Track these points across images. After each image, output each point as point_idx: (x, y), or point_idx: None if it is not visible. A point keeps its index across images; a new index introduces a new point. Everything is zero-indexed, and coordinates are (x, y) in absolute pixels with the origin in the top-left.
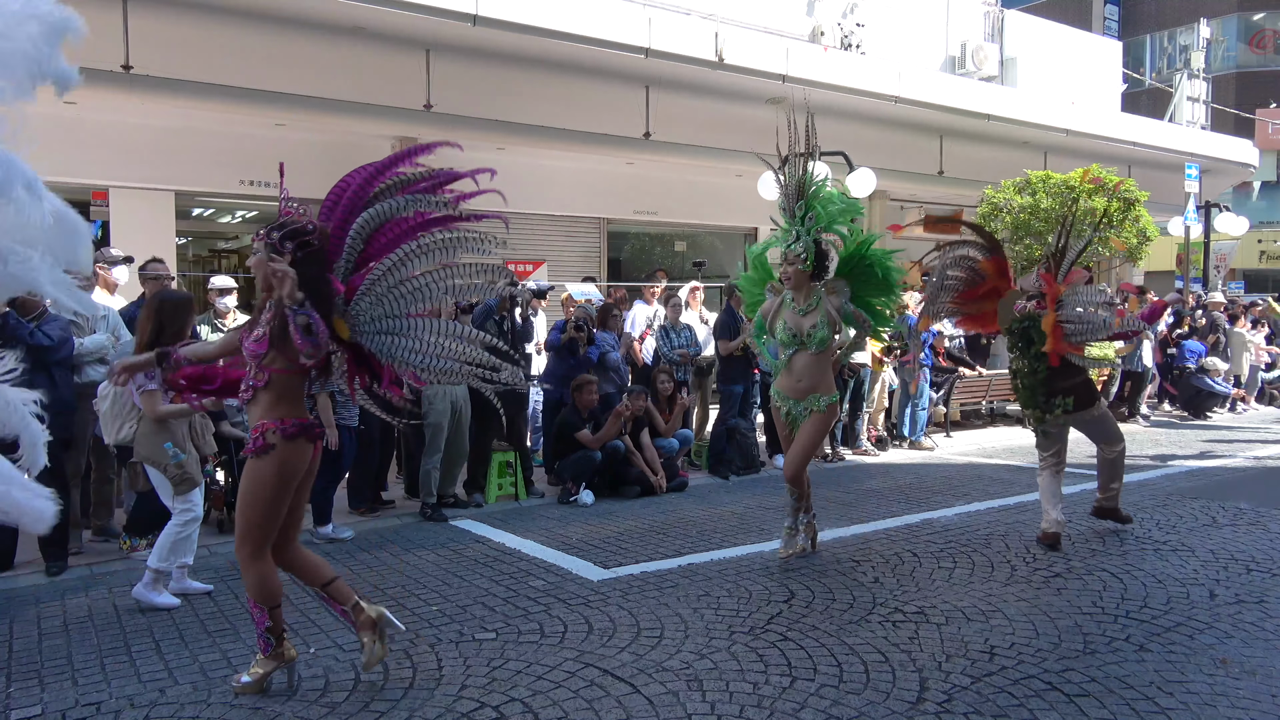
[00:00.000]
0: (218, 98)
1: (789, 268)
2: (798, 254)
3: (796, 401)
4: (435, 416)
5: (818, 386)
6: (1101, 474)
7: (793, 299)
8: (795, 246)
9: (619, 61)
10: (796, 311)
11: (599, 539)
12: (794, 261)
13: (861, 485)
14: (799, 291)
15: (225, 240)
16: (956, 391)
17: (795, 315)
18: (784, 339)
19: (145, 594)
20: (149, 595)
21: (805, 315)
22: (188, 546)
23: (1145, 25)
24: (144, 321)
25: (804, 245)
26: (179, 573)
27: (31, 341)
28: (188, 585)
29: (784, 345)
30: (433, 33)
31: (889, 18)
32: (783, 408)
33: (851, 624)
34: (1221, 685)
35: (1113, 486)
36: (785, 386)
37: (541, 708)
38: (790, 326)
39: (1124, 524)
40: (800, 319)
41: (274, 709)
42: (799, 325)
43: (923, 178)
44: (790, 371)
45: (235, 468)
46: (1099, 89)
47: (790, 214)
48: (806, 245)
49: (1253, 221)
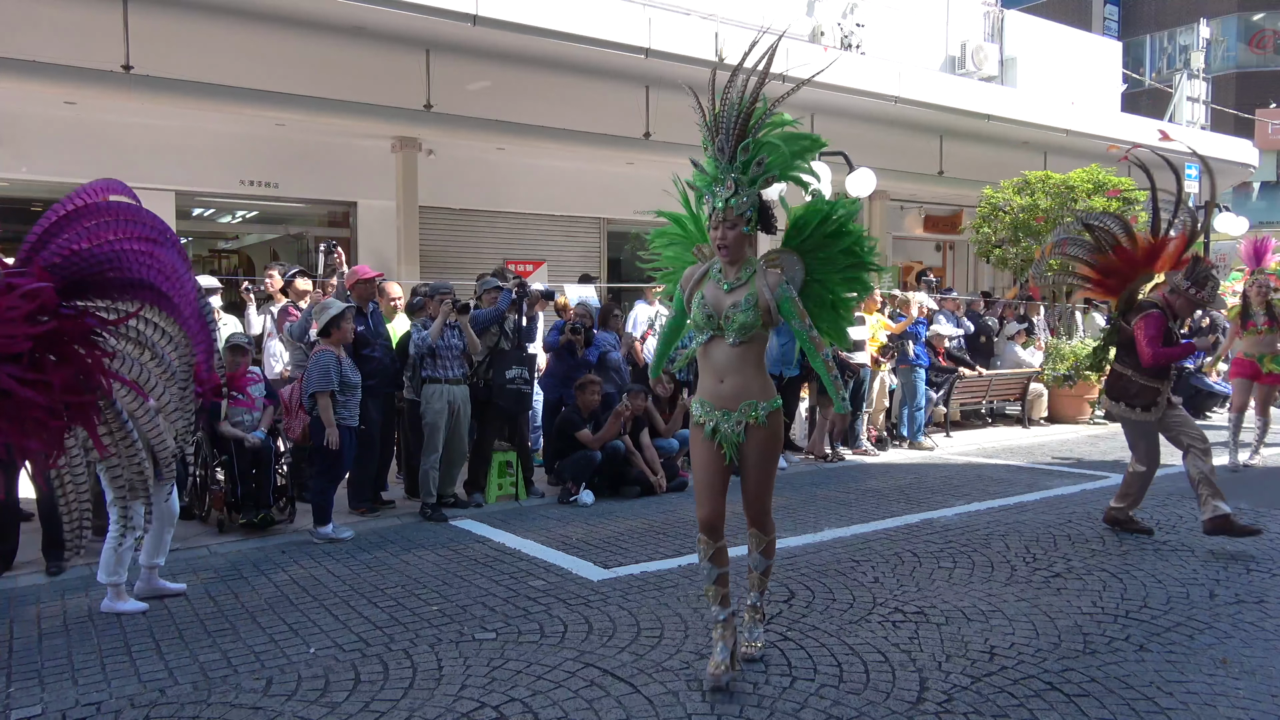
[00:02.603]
0: (218, 98)
1: (727, 231)
2: (741, 211)
3: (726, 413)
4: (432, 417)
5: (750, 389)
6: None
7: (720, 270)
8: (735, 200)
9: (619, 61)
10: (721, 285)
11: (599, 539)
12: (734, 222)
13: (861, 485)
14: (732, 263)
15: (225, 240)
16: (956, 391)
17: (717, 290)
18: (698, 319)
19: (112, 605)
20: (116, 605)
21: (731, 291)
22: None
23: (1145, 25)
24: None
25: (749, 200)
26: (148, 574)
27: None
28: (160, 585)
29: (697, 328)
30: (433, 33)
31: (889, 18)
32: (706, 424)
33: (851, 624)
34: (1221, 685)
35: (1123, 497)
36: (707, 392)
37: (541, 708)
38: (708, 303)
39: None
40: (724, 295)
41: (274, 709)
42: (719, 303)
43: (923, 178)
44: (709, 369)
45: (235, 468)
46: (1099, 89)
47: (727, 156)
48: (752, 200)
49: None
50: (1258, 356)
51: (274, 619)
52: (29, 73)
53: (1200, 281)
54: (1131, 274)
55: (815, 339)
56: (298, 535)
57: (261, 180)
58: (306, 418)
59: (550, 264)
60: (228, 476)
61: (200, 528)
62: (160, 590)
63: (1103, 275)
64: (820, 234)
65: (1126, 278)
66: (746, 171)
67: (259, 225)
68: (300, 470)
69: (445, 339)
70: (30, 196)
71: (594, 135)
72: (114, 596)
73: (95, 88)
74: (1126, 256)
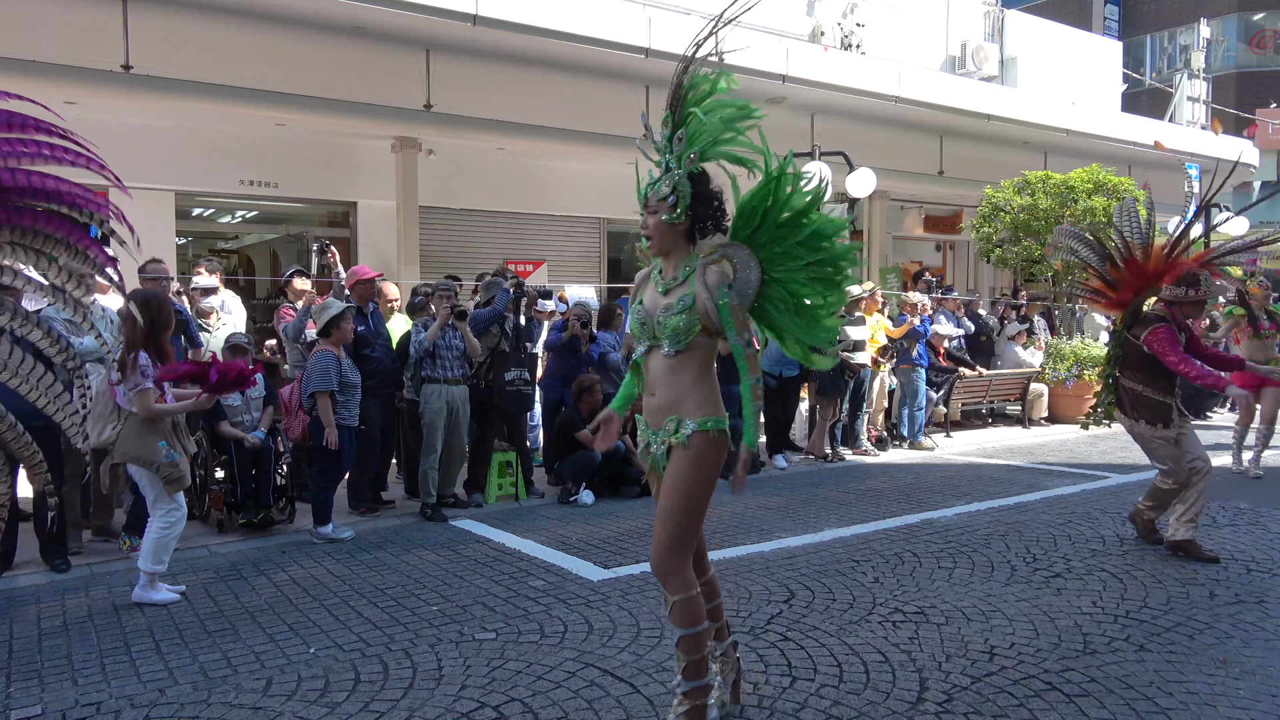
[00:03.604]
0: (218, 98)
1: (649, 218)
2: (662, 196)
3: (655, 432)
4: (430, 417)
5: (678, 404)
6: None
7: (660, 270)
8: (660, 185)
9: (619, 61)
10: (658, 287)
11: (599, 539)
12: (655, 208)
13: (861, 485)
14: (668, 258)
15: (225, 240)
16: (956, 391)
17: (655, 292)
18: (633, 327)
19: (144, 594)
20: (148, 595)
21: (667, 293)
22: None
23: (1145, 25)
24: (132, 319)
25: (673, 182)
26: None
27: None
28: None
29: (635, 338)
30: (433, 33)
31: (889, 18)
32: (641, 440)
33: (851, 624)
34: (1221, 685)
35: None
36: (641, 407)
37: (541, 708)
38: (644, 308)
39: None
40: (660, 298)
41: (274, 709)
42: (654, 307)
43: (923, 178)
44: (646, 382)
45: (235, 468)
46: (1099, 89)
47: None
48: (678, 183)
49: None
50: (1262, 363)
51: (274, 619)
52: (29, 73)
53: (1192, 282)
54: (1141, 287)
55: (750, 359)
56: (298, 535)
57: (261, 180)
58: (306, 418)
59: (550, 264)
60: (228, 476)
61: (200, 528)
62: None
63: (1110, 287)
64: (772, 224)
65: (1136, 290)
66: (673, 148)
67: (259, 225)
68: (300, 470)
69: (445, 339)
70: None
71: (594, 135)
72: (146, 584)
73: (95, 88)
74: (1138, 270)
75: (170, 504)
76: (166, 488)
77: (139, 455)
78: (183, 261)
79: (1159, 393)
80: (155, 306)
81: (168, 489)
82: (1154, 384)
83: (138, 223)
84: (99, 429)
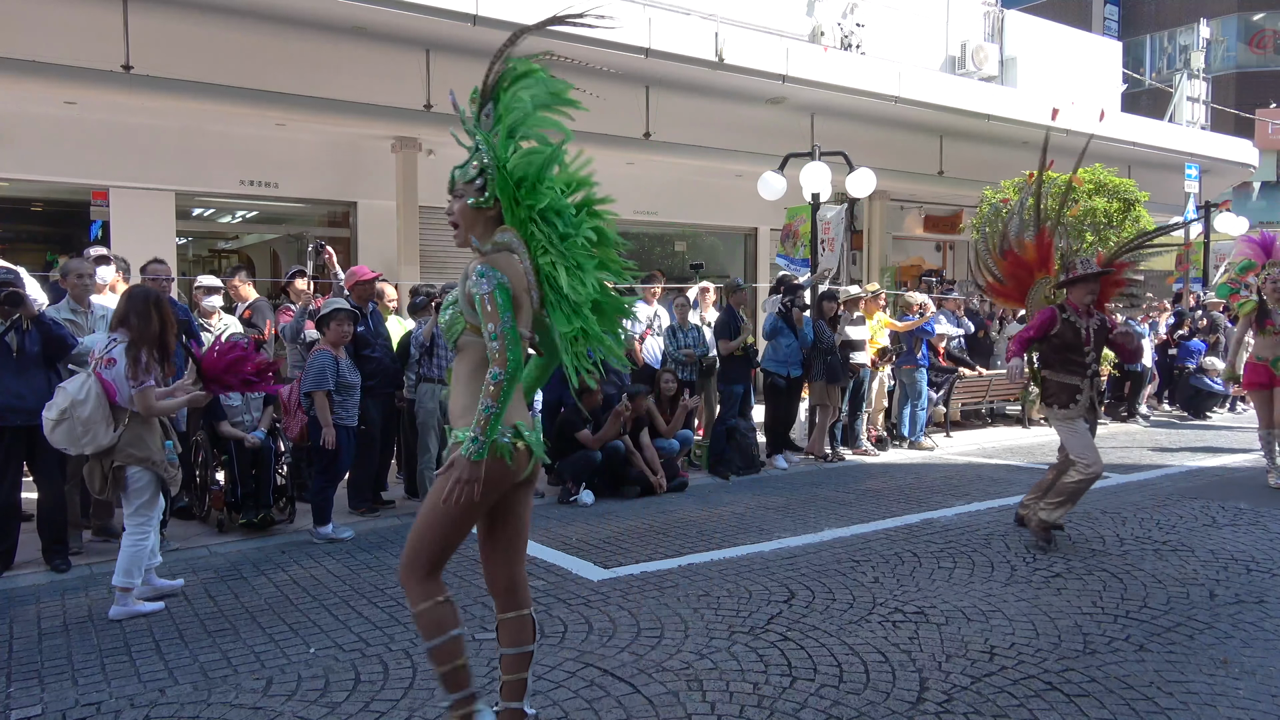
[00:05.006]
0: (218, 98)
1: (454, 203)
2: (469, 178)
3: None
4: (424, 416)
5: (457, 409)
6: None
7: None
8: (467, 168)
9: (619, 61)
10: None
11: (599, 539)
12: (461, 192)
13: (861, 485)
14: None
15: (225, 240)
16: (956, 391)
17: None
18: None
19: (126, 609)
20: (131, 608)
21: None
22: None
23: (1145, 25)
24: (139, 317)
25: (481, 163)
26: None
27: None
28: (154, 583)
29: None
30: (433, 33)
31: (889, 18)
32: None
33: (851, 624)
34: (1221, 685)
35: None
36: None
37: (541, 708)
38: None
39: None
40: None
41: (274, 709)
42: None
43: (923, 178)
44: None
45: (235, 468)
46: (1099, 89)
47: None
48: (485, 165)
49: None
50: (1271, 360)
51: (274, 619)
52: (29, 73)
53: (1067, 266)
54: (1029, 278)
55: (494, 355)
56: (298, 535)
57: (261, 180)
58: (305, 417)
59: None
60: (228, 476)
61: (200, 528)
62: (155, 587)
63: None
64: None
65: (1024, 282)
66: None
67: (259, 225)
68: (300, 470)
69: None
70: (30, 196)
71: (594, 135)
72: (124, 599)
73: (95, 88)
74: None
75: (146, 518)
76: (169, 487)
77: (144, 456)
78: (183, 261)
79: (1061, 374)
80: (155, 303)
81: (170, 488)
82: (1054, 367)
83: (138, 222)
84: (94, 433)
